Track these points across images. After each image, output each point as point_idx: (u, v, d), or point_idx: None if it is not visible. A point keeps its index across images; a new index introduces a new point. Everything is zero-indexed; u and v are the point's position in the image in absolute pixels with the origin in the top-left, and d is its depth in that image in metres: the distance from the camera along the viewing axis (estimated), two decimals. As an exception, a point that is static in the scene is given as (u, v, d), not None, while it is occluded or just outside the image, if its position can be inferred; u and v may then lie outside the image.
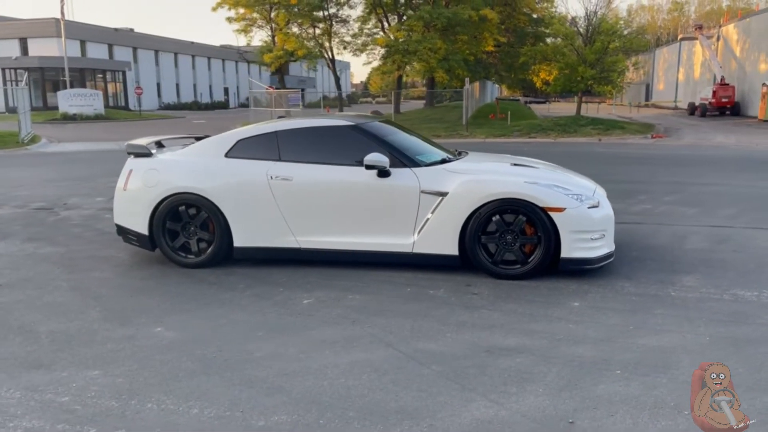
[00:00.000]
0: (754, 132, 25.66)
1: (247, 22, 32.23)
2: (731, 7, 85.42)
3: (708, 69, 44.21)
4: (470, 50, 32.17)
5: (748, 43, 37.96)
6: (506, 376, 3.51)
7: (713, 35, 43.60)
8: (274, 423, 3.07)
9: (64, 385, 3.50)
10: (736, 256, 5.92)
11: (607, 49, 28.40)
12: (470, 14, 29.58)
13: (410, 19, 29.58)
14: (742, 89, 37.42)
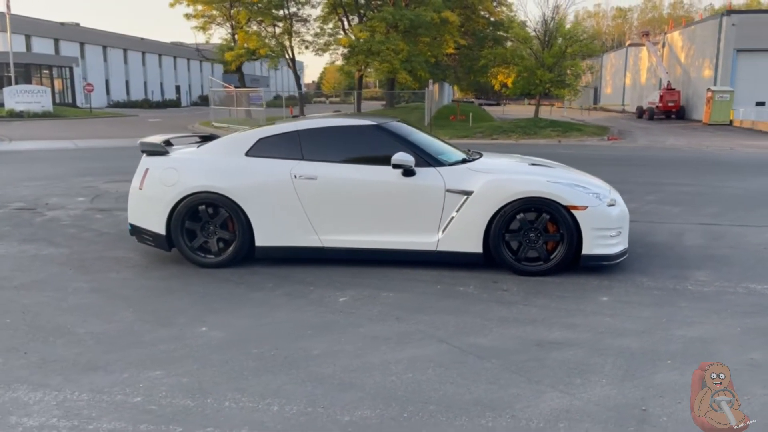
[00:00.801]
0: (700, 135, 26.87)
1: (206, 19, 31.69)
2: (671, 15, 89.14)
3: (654, 74, 46.00)
4: (432, 52, 32.53)
5: (693, 50, 39.70)
6: (566, 368, 3.66)
7: (659, 42, 45.39)
8: (359, 418, 3.12)
9: (130, 386, 3.45)
10: (735, 252, 6.27)
11: (565, 53, 29.23)
12: (432, 16, 29.90)
13: (373, 20, 29.66)
14: (686, 94, 39.11)
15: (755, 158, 17.12)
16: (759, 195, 9.97)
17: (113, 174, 12.62)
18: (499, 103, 74.46)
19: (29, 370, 3.67)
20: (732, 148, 20.97)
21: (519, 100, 77.83)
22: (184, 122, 35.36)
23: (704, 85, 36.39)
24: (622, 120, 39.04)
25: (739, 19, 35.03)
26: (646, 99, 42.28)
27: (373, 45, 29.03)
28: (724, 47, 34.92)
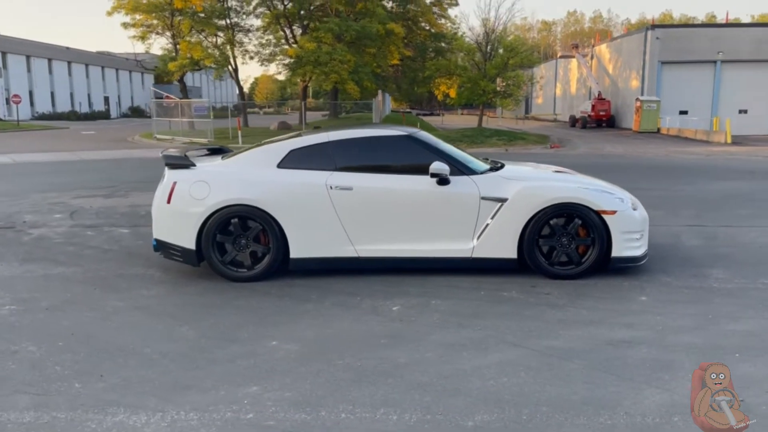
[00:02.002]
0: (634, 142, 28.33)
1: (146, 28, 30.78)
2: (592, 28, 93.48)
3: (584, 84, 48.10)
4: (377, 63, 32.84)
5: (620, 61, 41.79)
6: (648, 365, 3.84)
7: (588, 54, 47.51)
8: (482, 422, 3.18)
9: (235, 403, 3.38)
10: (735, 251, 6.71)
11: (507, 65, 30.17)
12: (378, 28, 30.23)
13: (319, 31, 29.68)
14: (616, 103, 41.10)
15: (693, 163, 18.22)
16: (719, 197, 10.64)
17: (76, 189, 12.10)
18: (432, 113, 75.81)
19: (117, 392, 3.53)
20: (667, 154, 22.25)
21: (453, 111, 79.73)
22: (122, 134, 34.16)
23: (632, 95, 38.37)
24: (557, 129, 40.54)
25: (662, 33, 37.18)
26: (578, 108, 44.13)
27: (320, 56, 29.04)
28: (650, 59, 36.95)
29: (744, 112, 36.48)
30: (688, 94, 36.77)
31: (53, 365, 3.90)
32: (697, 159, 19.90)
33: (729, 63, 36.53)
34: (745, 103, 36.73)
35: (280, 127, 34.51)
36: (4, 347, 4.19)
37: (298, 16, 33.38)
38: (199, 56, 28.93)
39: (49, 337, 4.38)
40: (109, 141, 29.40)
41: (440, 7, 37.64)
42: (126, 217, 9.09)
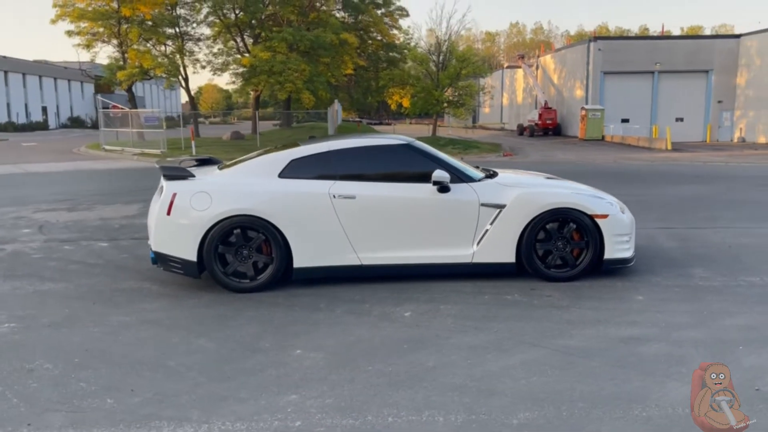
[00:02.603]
0: (582, 149, 29.34)
1: (91, 36, 29.88)
2: (534, 40, 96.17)
3: (530, 94, 49.43)
4: (332, 73, 32.90)
5: (564, 72, 43.17)
6: (663, 360, 4.04)
7: (533, 64, 48.86)
8: (526, 420, 3.30)
9: (279, 412, 3.39)
10: (708, 251, 7.09)
11: (460, 75, 30.75)
12: (332, 38, 30.31)
13: (273, 41, 29.53)
14: (561, 112, 42.41)
15: (643, 168, 19.04)
16: (677, 201, 11.18)
17: (33, 203, 11.70)
18: (381, 123, 76.37)
19: (154, 406, 3.48)
20: (616, 161, 23.17)
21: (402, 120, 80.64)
22: (65, 146, 32.98)
23: (577, 104, 39.69)
24: (506, 137, 41.45)
25: (604, 44, 38.65)
26: (525, 117, 45.28)
27: (275, 65, 28.89)
28: (593, 70, 38.32)
29: (680, 120, 38.29)
30: (629, 103, 38.31)
31: (76, 382, 3.81)
32: (644, 165, 20.79)
33: (666, 73, 38.28)
34: (681, 112, 38.56)
35: (233, 137, 34.08)
36: (17, 365, 4.06)
37: (249, 25, 33.10)
38: (149, 65, 28.28)
39: (61, 353, 4.26)
40: (53, 153, 28.36)
41: (391, 18, 38.07)
42: (100, 230, 8.86)
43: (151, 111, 30.99)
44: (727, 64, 37.93)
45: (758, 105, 36.47)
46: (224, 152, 27.68)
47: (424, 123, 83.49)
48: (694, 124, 38.34)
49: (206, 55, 33.36)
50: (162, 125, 26.57)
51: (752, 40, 37.19)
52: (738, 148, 30.78)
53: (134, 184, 15.29)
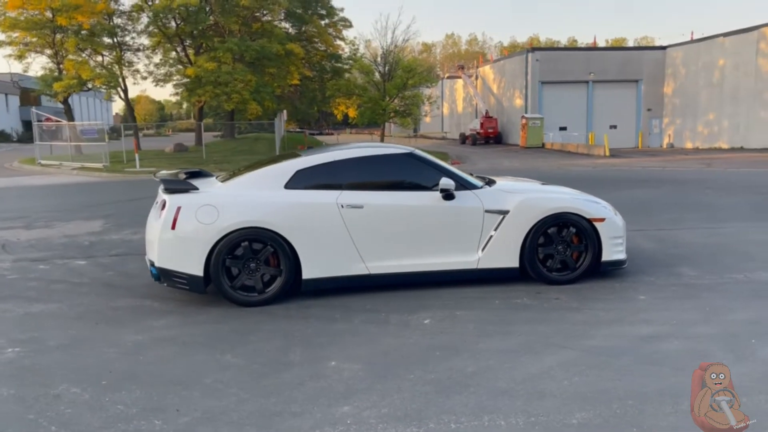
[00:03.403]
0: (525, 157, 30.19)
1: (24, 46, 28.54)
2: (469, 50, 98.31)
3: (470, 103, 50.47)
4: (278, 83, 32.62)
5: (504, 82, 44.34)
6: (688, 355, 4.23)
7: (473, 74, 49.94)
8: (584, 419, 3.38)
9: (339, 423, 3.35)
10: (684, 251, 7.44)
11: (406, 85, 31.12)
12: (278, 48, 30.10)
13: (218, 51, 29.05)
14: (502, 121, 43.50)
15: (588, 174, 19.76)
16: (637, 204, 11.66)
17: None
18: (321, 133, 76.29)
19: (208, 425, 3.38)
20: (560, 167, 23.95)
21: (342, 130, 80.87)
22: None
23: (516, 113, 40.83)
24: (449, 146, 42.12)
25: (541, 55, 39.96)
26: (467, 126, 46.17)
27: (220, 76, 28.40)
28: (531, 80, 39.55)
29: (614, 128, 39.94)
30: (566, 112, 39.72)
31: (113, 405, 3.65)
32: (589, 170, 21.57)
33: (599, 83, 39.92)
34: (615, 120, 40.27)
35: (176, 150, 33.24)
36: (40, 391, 3.85)
37: (190, 35, 32.41)
38: (88, 76, 27.24)
39: (84, 377, 4.07)
40: (-16, 167, 26.89)
41: (335, 28, 38.15)
42: (70, 248, 8.48)
43: (90, 124, 29.78)
44: (655, 74, 39.95)
45: (684, 113, 38.54)
46: (170, 165, 26.99)
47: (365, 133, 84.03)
48: (626, 131, 40.10)
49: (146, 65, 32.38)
50: (104, 137, 25.59)
51: (677, 51, 39.31)
52: (669, 154, 32.37)
53: (87, 199, 14.70)
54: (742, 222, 9.45)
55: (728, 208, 11.13)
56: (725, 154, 30.08)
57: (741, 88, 34.35)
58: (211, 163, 28.36)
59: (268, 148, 35.07)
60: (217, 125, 45.96)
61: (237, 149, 34.76)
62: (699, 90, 37.35)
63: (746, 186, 14.73)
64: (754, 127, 33.59)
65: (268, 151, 33.59)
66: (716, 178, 16.96)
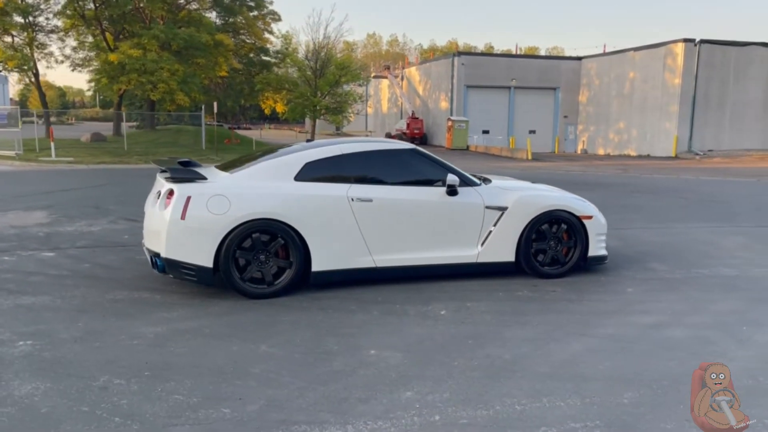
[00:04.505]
0: (454, 158, 30.67)
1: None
2: (389, 51, 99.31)
3: (395, 104, 51.06)
4: (206, 74, 31.69)
5: (430, 84, 45.21)
6: (696, 342, 4.61)
7: (398, 75, 50.57)
8: (634, 398, 3.64)
9: (408, 408, 3.44)
10: (648, 248, 8.01)
11: (339, 82, 31.12)
12: (207, 38, 29.27)
13: (143, 37, 27.88)
14: (428, 122, 44.35)
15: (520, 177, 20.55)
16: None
17: None
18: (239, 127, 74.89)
19: (279, 412, 3.37)
20: (489, 169, 24.73)
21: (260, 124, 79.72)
22: None
23: (442, 115, 41.78)
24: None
25: (467, 59, 41.10)
26: (394, 126, 46.71)
27: (146, 64, 27.29)
28: (457, 83, 40.59)
29: (533, 132, 41.68)
30: (489, 116, 41.07)
31: (168, 395, 3.56)
32: (517, 173, 22.38)
33: (520, 89, 41.55)
34: (534, 125, 42.06)
35: (93, 139, 31.65)
36: (81, 384, 3.69)
37: (110, 19, 30.90)
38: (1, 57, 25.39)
39: (120, 369, 3.93)
40: None
41: (264, 21, 37.50)
42: (26, 239, 8.00)
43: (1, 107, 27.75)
44: (572, 83, 42.06)
45: (597, 120, 40.82)
46: (90, 155, 25.76)
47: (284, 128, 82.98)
48: (544, 136, 41.96)
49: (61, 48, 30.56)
50: (18, 123, 23.95)
51: (592, 62, 41.56)
52: (585, 159, 34.20)
53: (12, 190, 13.77)
54: (682, 223, 10.24)
55: (663, 210, 12.00)
56: (635, 161, 32.13)
57: (649, 99, 36.80)
58: (134, 154, 27.26)
59: (194, 140, 34.10)
60: (132, 115, 43.91)
61: (159, 141, 33.52)
62: (611, 100, 39.67)
63: (668, 190, 15.88)
64: (659, 137, 36.09)
65: (194, 144, 32.67)
66: (638, 183, 18.15)
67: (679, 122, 34.84)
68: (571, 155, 38.65)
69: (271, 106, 36.12)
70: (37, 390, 3.60)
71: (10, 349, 4.22)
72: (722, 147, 35.53)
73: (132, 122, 50.28)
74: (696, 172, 23.34)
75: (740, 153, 34.29)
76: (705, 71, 34.74)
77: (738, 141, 36.04)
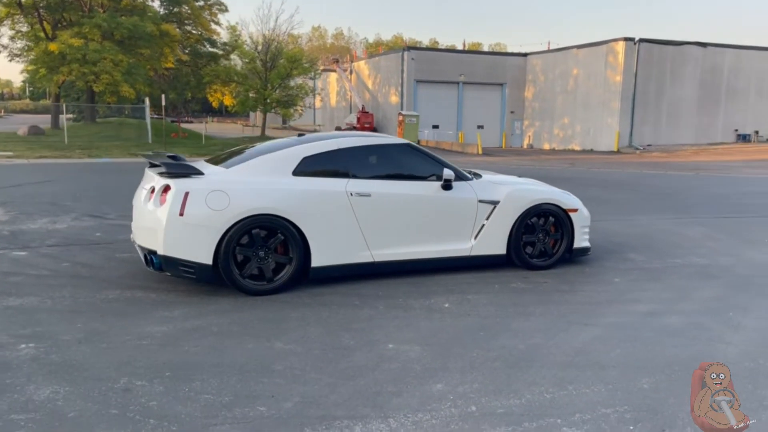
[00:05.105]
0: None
1: None
2: (334, 45, 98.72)
3: (344, 98, 50.89)
4: (151, 65, 30.72)
5: (379, 78, 45.25)
6: (692, 328, 4.82)
7: (347, 69, 50.38)
8: (655, 383, 3.78)
9: (442, 399, 3.48)
10: (622, 239, 8.31)
11: (290, 75, 30.77)
12: (152, 28, 28.40)
13: (84, 26, 26.78)
14: (378, 117, 44.41)
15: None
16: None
17: None
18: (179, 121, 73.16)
19: (317, 408, 3.35)
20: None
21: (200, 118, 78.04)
22: None
23: (392, 109, 41.93)
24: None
25: (416, 54, 41.33)
26: (344, 120, 46.56)
27: (88, 54, 26.24)
28: (407, 78, 40.79)
29: (481, 128, 42.38)
30: (439, 111, 41.46)
31: (197, 395, 3.48)
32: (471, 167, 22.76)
33: (469, 84, 42.13)
34: (482, 120, 42.76)
35: (31, 132, 30.29)
36: (102, 386, 3.56)
37: (48, 7, 29.55)
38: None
39: (138, 369, 3.81)
40: None
41: (210, 12, 36.59)
42: (-7, 236, 7.62)
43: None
44: (518, 79, 42.95)
45: (542, 116, 41.86)
46: (29, 150, 24.70)
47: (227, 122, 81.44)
48: (492, 131, 42.73)
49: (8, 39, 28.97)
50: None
51: (537, 59, 42.54)
52: (533, 154, 35.06)
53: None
54: (645, 215, 10.66)
55: (622, 202, 12.45)
56: (580, 155, 33.15)
57: (591, 96, 38.00)
58: (76, 148, 26.28)
59: (138, 134, 33.04)
60: (70, 107, 42.16)
61: (102, 134, 32.33)
62: (555, 96, 40.74)
63: (620, 184, 16.49)
64: (602, 132, 37.33)
65: (139, 137, 31.66)
66: (590, 177, 18.75)
67: (620, 118, 36.14)
68: (519, 150, 39.54)
69: (219, 99, 35.34)
70: (57, 394, 3.45)
71: (13, 353, 4.02)
72: (660, 142, 37.08)
73: (69, 114, 48.32)
74: (639, 166, 24.29)
75: (676, 147, 35.90)
76: (644, 69, 36.14)
77: (674, 136, 37.71)
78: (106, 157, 23.22)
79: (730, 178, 18.47)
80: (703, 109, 38.32)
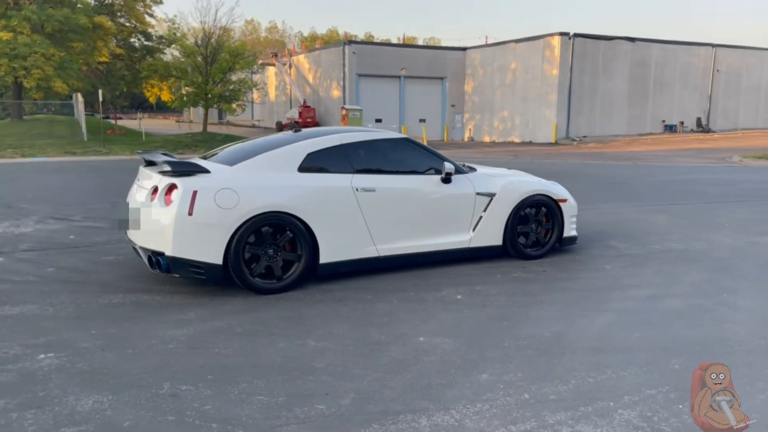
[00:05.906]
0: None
1: None
2: (268, 38, 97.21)
3: (283, 92, 50.24)
4: (84, 59, 29.37)
5: (320, 72, 44.90)
6: (694, 309, 5.07)
7: (286, 63, 49.70)
8: (683, 364, 3.96)
9: (492, 390, 3.54)
10: (599, 227, 8.60)
11: (232, 69, 30.10)
12: (84, 21, 27.19)
13: (12, 19, 25.34)
14: (320, 111, 44.08)
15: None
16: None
17: None
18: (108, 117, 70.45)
19: (379, 404, 3.35)
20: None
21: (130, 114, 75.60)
22: None
23: (334, 104, 41.72)
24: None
25: (357, 48, 41.23)
26: (284, 115, 45.98)
27: (18, 47, 24.86)
28: (349, 72, 40.65)
29: (423, 121, 42.70)
30: (381, 104, 41.53)
31: (249, 396, 3.41)
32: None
33: (410, 78, 42.38)
34: (424, 114, 43.13)
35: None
36: (146, 393, 3.43)
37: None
38: None
39: (175, 374, 3.69)
40: None
41: (144, 4, 35.28)
42: (-43, 242, 7.15)
43: None
44: (458, 73, 43.54)
45: (482, 109, 42.63)
46: (-42, 149, 23.22)
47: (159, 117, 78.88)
48: (434, 124, 43.16)
49: None
50: None
51: (476, 53, 43.25)
52: (476, 146, 35.70)
53: None
54: (608, 203, 11.07)
55: (585, 192, 12.84)
56: (521, 147, 33.99)
57: (530, 89, 38.99)
58: (6, 147, 24.88)
59: (71, 131, 31.62)
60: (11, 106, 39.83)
61: (32, 132, 30.70)
62: (495, 89, 41.56)
63: (568, 174, 17.00)
64: (540, 125, 38.38)
65: (73, 135, 30.29)
66: (536, 168, 19.17)
67: (557, 110, 37.24)
68: (460, 143, 40.17)
69: (157, 95, 34.18)
70: (101, 404, 3.30)
71: (34, 364, 3.82)
72: (594, 133, 38.48)
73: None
74: (578, 156, 25.15)
75: (610, 138, 37.37)
76: (578, 63, 37.37)
77: (608, 127, 39.21)
78: (41, 156, 22.13)
79: (665, 167, 19.37)
80: (633, 101, 39.99)
